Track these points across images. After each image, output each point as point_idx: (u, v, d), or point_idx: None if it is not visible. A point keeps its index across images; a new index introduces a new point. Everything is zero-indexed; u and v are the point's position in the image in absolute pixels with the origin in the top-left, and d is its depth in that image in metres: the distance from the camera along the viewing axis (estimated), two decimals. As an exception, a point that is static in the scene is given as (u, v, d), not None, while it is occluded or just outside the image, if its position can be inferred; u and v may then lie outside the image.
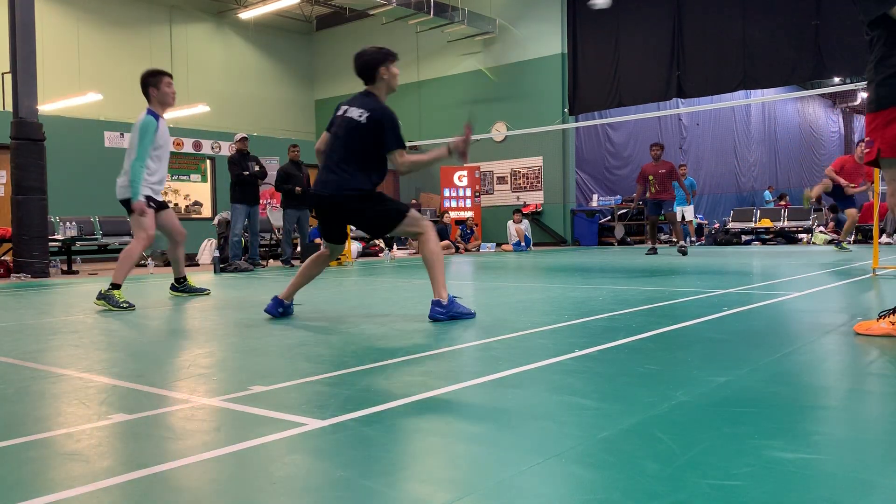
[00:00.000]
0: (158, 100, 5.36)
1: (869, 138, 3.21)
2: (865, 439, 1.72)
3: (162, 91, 5.36)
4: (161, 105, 5.38)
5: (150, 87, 5.36)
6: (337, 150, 4.08)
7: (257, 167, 10.07)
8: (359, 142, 4.02)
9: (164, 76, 5.40)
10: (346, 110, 4.12)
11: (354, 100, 4.16)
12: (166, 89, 5.37)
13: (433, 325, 3.82)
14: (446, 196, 17.54)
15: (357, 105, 4.09)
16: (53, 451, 1.73)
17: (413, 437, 1.80)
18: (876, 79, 3.12)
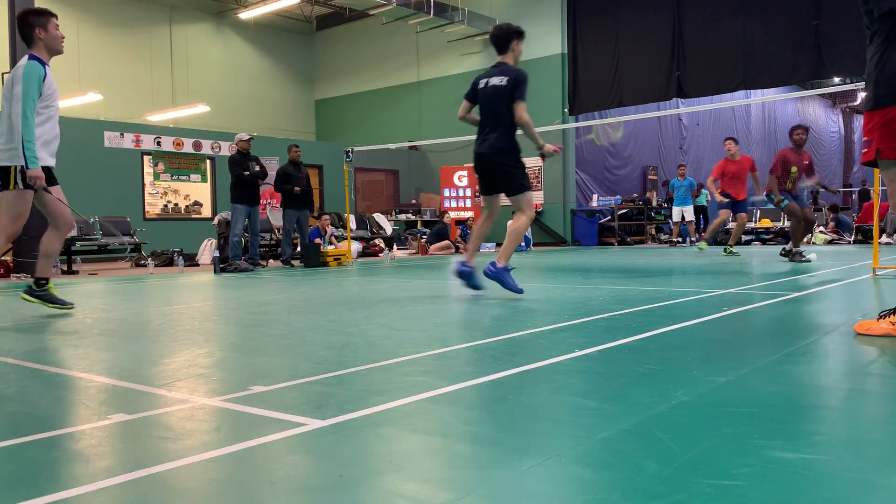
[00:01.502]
0: (46, 44, 4.57)
1: (866, 138, 3.16)
2: (865, 439, 1.72)
3: (51, 33, 4.58)
4: (48, 51, 4.60)
5: (36, 28, 4.53)
6: (487, 116, 4.96)
7: (258, 167, 10.08)
8: (503, 104, 4.87)
9: (52, 16, 4.65)
10: (488, 81, 4.99)
11: (491, 71, 5.04)
12: (55, 32, 4.60)
13: (433, 326, 3.83)
14: (446, 196, 17.54)
15: (496, 74, 4.98)
16: (54, 451, 1.73)
17: (413, 437, 1.80)
18: (877, 77, 3.07)
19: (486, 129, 4.95)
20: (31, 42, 4.56)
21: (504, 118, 4.89)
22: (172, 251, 12.12)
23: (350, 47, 20.94)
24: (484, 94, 4.97)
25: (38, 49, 4.56)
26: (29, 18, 4.55)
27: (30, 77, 4.33)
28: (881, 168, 3.16)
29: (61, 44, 4.66)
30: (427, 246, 14.41)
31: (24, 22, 4.53)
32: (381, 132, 19.59)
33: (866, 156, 3.18)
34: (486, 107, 4.94)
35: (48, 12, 4.64)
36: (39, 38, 4.54)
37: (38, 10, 4.62)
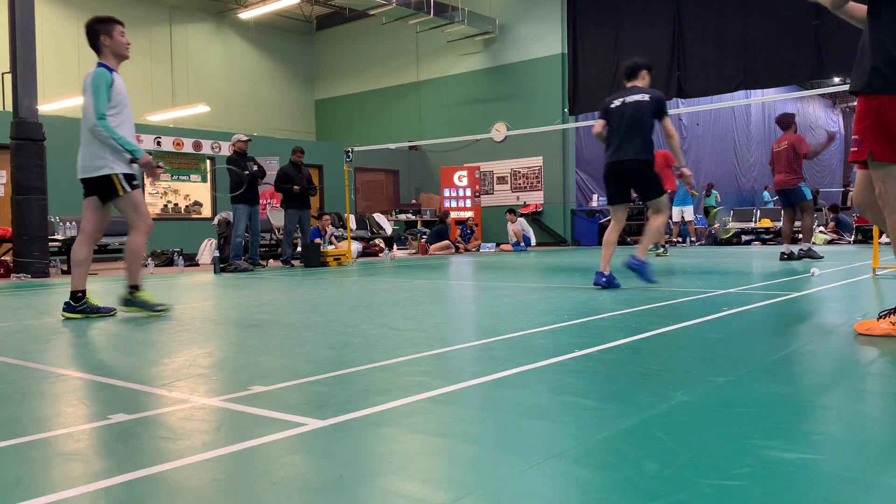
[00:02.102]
0: (112, 50, 4.62)
1: (857, 136, 3.07)
2: (865, 439, 1.72)
3: (117, 40, 4.62)
4: (115, 57, 4.64)
5: (102, 36, 4.58)
6: (627, 128, 5.48)
7: (255, 167, 10.08)
8: (645, 118, 5.47)
9: (117, 24, 4.67)
10: (625, 100, 5.57)
11: (625, 93, 5.63)
12: (120, 38, 4.63)
13: (432, 326, 3.83)
14: (446, 196, 17.54)
15: (634, 94, 5.58)
16: (53, 451, 1.73)
17: (413, 437, 1.80)
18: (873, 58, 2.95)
19: (622, 140, 5.52)
20: (98, 50, 4.64)
21: (643, 129, 5.51)
22: (172, 251, 12.12)
23: (350, 47, 20.94)
24: (622, 110, 5.56)
25: (105, 56, 4.63)
26: (94, 27, 4.62)
27: (98, 83, 4.43)
28: (872, 168, 3.08)
29: (127, 49, 4.70)
30: (427, 246, 14.41)
31: (91, 31, 4.62)
32: (381, 132, 19.59)
33: (856, 155, 3.09)
34: (626, 118, 5.53)
35: (113, 19, 4.69)
36: (105, 45, 4.62)
37: (104, 18, 4.68)
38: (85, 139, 4.53)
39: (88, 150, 4.51)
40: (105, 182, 4.51)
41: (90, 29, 4.62)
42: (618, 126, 5.57)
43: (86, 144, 4.52)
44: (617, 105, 5.62)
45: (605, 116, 5.68)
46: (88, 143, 4.50)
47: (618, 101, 5.63)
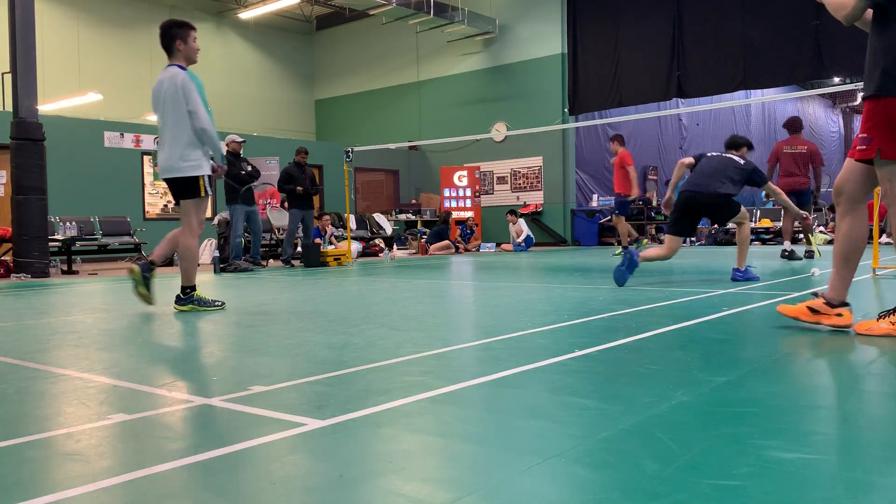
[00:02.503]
0: (185, 55, 4.83)
1: (866, 135, 3.07)
2: (865, 439, 1.72)
3: (191, 45, 4.84)
4: (186, 61, 4.84)
5: (178, 40, 4.79)
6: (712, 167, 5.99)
7: (249, 167, 10.06)
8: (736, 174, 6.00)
9: (191, 29, 4.88)
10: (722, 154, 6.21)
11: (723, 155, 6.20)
12: (193, 44, 4.86)
13: (432, 326, 3.83)
14: (446, 196, 17.54)
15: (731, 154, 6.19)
16: (53, 451, 1.73)
17: (413, 437, 1.80)
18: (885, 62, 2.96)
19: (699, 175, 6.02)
20: (172, 52, 4.81)
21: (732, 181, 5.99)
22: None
23: (350, 47, 20.93)
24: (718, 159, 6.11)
25: (177, 59, 4.81)
26: (171, 30, 4.79)
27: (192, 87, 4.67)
28: (878, 167, 3.08)
29: (197, 55, 4.90)
30: (427, 246, 14.41)
31: (167, 33, 4.79)
32: (381, 132, 19.59)
33: (864, 153, 3.09)
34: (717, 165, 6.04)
35: (189, 24, 4.88)
36: (179, 49, 4.80)
37: (180, 23, 4.87)
38: (171, 140, 4.67)
39: (175, 151, 4.66)
40: (190, 182, 4.67)
41: (167, 31, 4.78)
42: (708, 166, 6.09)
43: (173, 145, 4.66)
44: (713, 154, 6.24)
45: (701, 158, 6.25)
46: (176, 144, 4.65)
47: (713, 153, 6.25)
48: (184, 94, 4.65)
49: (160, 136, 4.80)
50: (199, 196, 4.73)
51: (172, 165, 4.68)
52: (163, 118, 4.73)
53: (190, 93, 4.65)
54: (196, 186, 4.70)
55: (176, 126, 4.68)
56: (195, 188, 4.70)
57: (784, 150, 9.14)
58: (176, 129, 4.68)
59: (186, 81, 4.66)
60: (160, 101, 4.79)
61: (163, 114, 4.74)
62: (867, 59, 3.10)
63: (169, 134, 4.70)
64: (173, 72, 4.73)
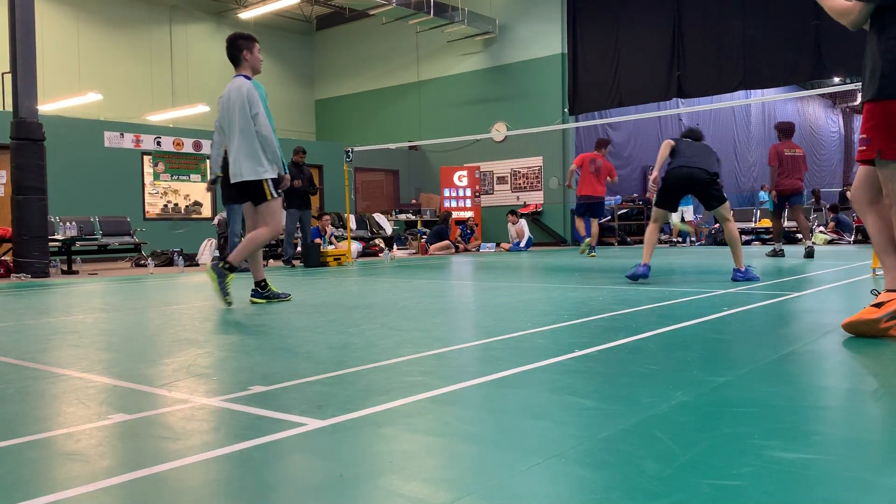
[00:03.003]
0: (251, 65, 5.11)
1: (866, 135, 3.07)
2: (865, 439, 1.72)
3: (255, 56, 5.12)
4: (252, 72, 5.12)
5: (244, 51, 5.07)
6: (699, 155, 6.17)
7: None
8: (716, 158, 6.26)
9: (256, 41, 5.15)
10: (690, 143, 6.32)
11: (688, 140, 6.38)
12: (258, 55, 5.15)
13: (432, 326, 3.83)
14: (446, 196, 17.54)
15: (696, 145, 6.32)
16: (53, 451, 1.73)
17: (413, 437, 1.80)
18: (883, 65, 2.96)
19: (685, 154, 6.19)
20: (239, 63, 5.11)
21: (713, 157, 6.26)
22: (172, 251, 12.12)
23: (350, 47, 20.93)
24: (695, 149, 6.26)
25: (243, 69, 5.10)
26: (238, 41, 5.08)
27: (262, 97, 4.96)
28: (879, 167, 3.08)
29: (261, 65, 5.23)
30: (427, 246, 14.41)
31: (234, 45, 5.08)
32: (381, 132, 19.59)
33: (865, 154, 3.09)
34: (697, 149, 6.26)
35: (253, 37, 5.17)
36: (246, 59, 5.09)
37: (246, 35, 5.15)
38: (239, 147, 4.96)
39: (243, 158, 4.95)
40: (257, 186, 4.99)
41: (234, 43, 5.08)
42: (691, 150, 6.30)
43: (240, 152, 4.96)
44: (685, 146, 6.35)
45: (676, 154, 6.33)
46: (244, 151, 4.94)
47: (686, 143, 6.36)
48: (249, 101, 4.93)
49: (228, 144, 5.09)
50: (267, 200, 5.02)
51: (240, 171, 4.98)
52: (231, 126, 5.01)
53: (255, 100, 4.93)
54: (262, 190, 4.99)
55: (243, 133, 4.95)
56: (262, 192, 5.00)
57: (785, 152, 9.39)
58: (243, 137, 4.96)
59: (252, 90, 4.95)
60: (228, 110, 5.05)
61: (230, 122, 5.01)
62: (866, 61, 3.09)
63: (236, 141, 4.97)
64: (240, 82, 5.00)
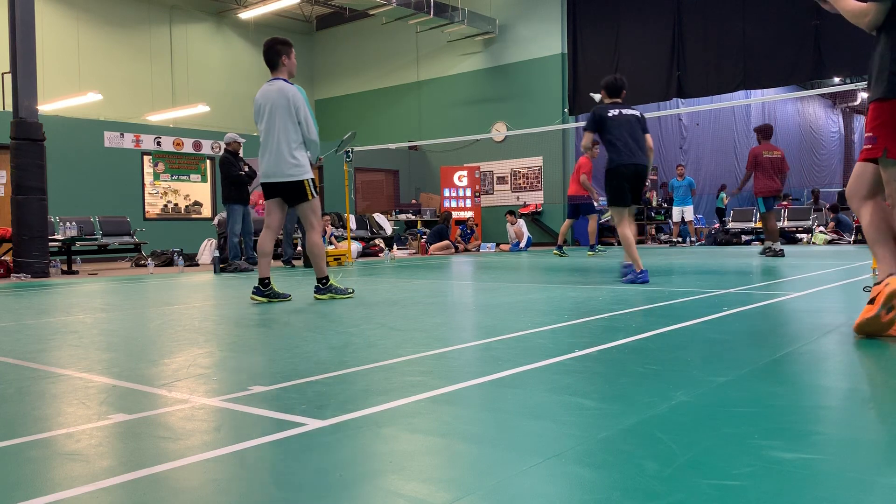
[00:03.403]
0: (288, 69, 5.28)
1: (871, 134, 3.07)
2: (865, 439, 1.72)
3: (292, 61, 5.30)
4: (289, 75, 5.30)
5: (283, 56, 5.25)
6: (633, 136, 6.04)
7: (247, 167, 10.06)
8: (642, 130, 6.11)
9: (292, 46, 5.33)
10: (621, 112, 6.11)
11: (617, 105, 6.19)
12: (294, 60, 5.34)
13: (432, 326, 3.83)
14: (446, 196, 17.54)
15: (626, 108, 6.18)
16: (53, 451, 1.73)
17: (413, 437, 1.80)
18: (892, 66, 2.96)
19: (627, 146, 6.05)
20: (276, 67, 5.26)
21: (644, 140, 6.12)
22: (172, 251, 12.12)
23: (350, 47, 20.94)
24: (623, 120, 6.11)
25: (280, 73, 5.26)
26: (276, 46, 5.24)
27: (305, 100, 5.14)
28: (883, 166, 3.07)
29: (295, 69, 5.38)
30: (427, 246, 14.41)
31: (272, 49, 5.24)
32: (381, 132, 19.59)
33: (870, 152, 3.08)
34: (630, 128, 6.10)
35: (290, 42, 5.35)
36: (284, 64, 5.26)
37: (284, 41, 5.31)
38: (278, 147, 5.09)
39: (284, 158, 5.08)
40: (298, 186, 5.13)
41: (272, 48, 5.23)
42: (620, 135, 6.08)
43: (280, 152, 5.09)
44: (614, 115, 6.13)
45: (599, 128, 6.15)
46: (284, 151, 5.07)
47: (615, 112, 6.15)
48: (296, 105, 5.09)
49: (264, 144, 5.18)
50: (308, 199, 5.18)
51: (280, 171, 5.10)
52: (270, 126, 5.11)
53: (302, 104, 5.10)
54: (303, 190, 5.15)
55: (284, 134, 5.09)
56: (303, 192, 5.15)
57: (763, 154, 9.65)
58: (284, 138, 5.09)
59: (297, 94, 5.11)
60: (266, 110, 5.15)
61: (270, 122, 5.11)
62: (874, 61, 3.09)
63: (275, 142, 5.09)
64: (282, 84, 5.14)
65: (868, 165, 3.20)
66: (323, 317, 4.26)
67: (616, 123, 6.10)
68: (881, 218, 3.15)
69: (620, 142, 6.04)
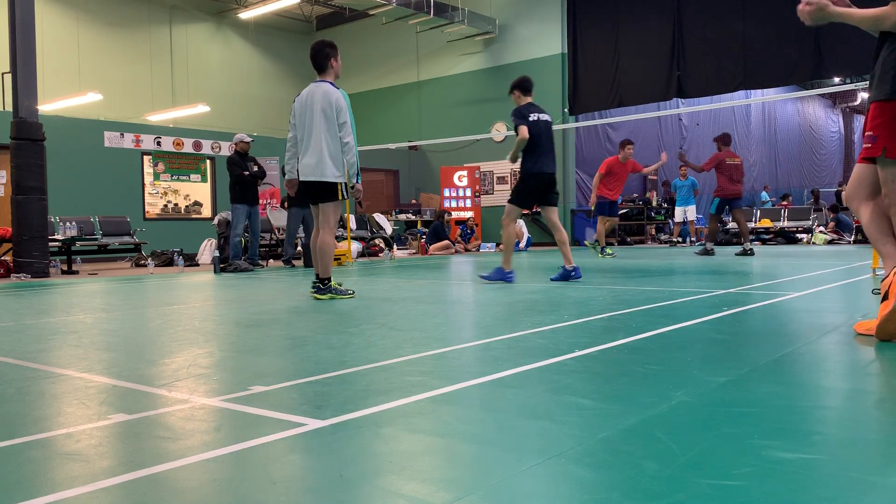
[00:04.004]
0: (335, 72, 5.37)
1: (871, 133, 3.07)
2: (865, 439, 1.72)
3: (339, 63, 5.40)
4: (334, 77, 5.39)
5: (331, 59, 5.33)
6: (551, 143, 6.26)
7: (255, 167, 10.09)
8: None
9: (337, 48, 5.41)
10: (539, 117, 6.20)
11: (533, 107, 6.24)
12: (340, 62, 5.43)
13: (432, 326, 3.83)
14: (446, 196, 17.54)
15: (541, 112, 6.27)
16: (53, 451, 1.73)
17: (413, 437, 1.80)
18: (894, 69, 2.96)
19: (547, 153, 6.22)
20: (325, 69, 5.35)
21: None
22: (172, 251, 12.12)
23: (350, 47, 20.92)
24: (542, 127, 6.19)
25: (328, 75, 5.35)
26: (326, 49, 5.34)
27: (343, 104, 5.19)
28: (882, 166, 3.07)
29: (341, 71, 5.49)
30: (427, 246, 14.41)
31: (321, 52, 5.33)
32: (381, 132, 19.59)
33: (870, 151, 3.08)
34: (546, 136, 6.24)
35: (336, 46, 5.44)
36: (332, 66, 5.36)
37: (331, 43, 5.39)
38: (319, 147, 5.18)
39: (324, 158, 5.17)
40: (332, 187, 5.24)
41: (321, 51, 5.32)
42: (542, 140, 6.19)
43: (322, 152, 5.17)
44: (536, 119, 6.20)
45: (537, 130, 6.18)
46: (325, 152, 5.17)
47: (537, 116, 6.22)
48: (338, 109, 5.18)
49: (303, 142, 5.28)
50: (338, 199, 5.29)
51: (319, 170, 5.19)
52: (311, 126, 5.20)
53: (344, 109, 5.19)
54: (335, 191, 5.26)
55: (326, 135, 5.18)
56: (335, 193, 5.26)
57: (727, 161, 10.58)
58: (326, 138, 5.19)
59: (341, 98, 5.20)
60: (308, 110, 5.24)
61: (311, 122, 5.20)
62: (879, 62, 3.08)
63: (316, 142, 5.19)
64: (328, 87, 5.22)
65: (867, 167, 3.20)
66: (323, 316, 4.26)
67: (538, 130, 6.19)
68: (881, 215, 3.16)
69: (542, 148, 6.18)
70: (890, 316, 2.89)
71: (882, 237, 3.16)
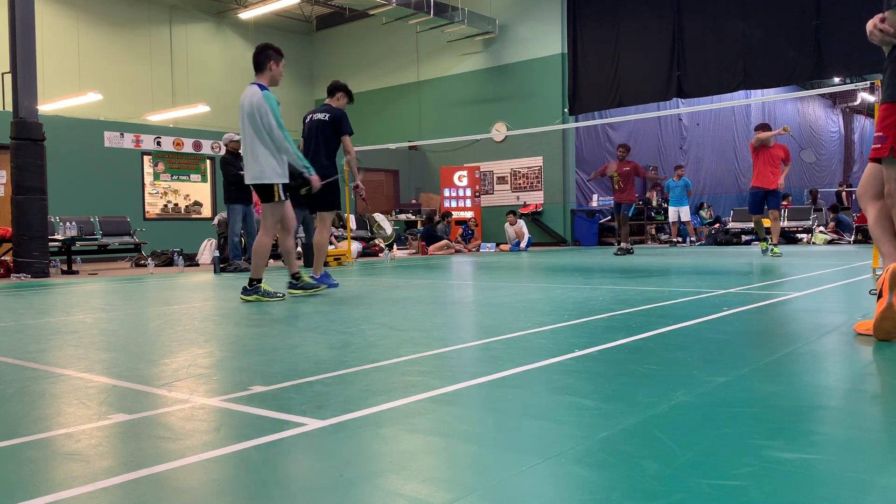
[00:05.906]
0: (272, 76, 5.35)
1: (881, 133, 3.09)
2: (865, 439, 1.72)
3: (279, 69, 5.38)
4: (270, 82, 5.36)
5: (271, 62, 5.32)
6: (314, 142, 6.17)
7: None
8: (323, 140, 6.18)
9: (282, 56, 5.40)
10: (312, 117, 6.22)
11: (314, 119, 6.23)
12: (281, 69, 5.40)
13: (432, 326, 3.83)
14: (446, 196, 17.54)
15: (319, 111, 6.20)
16: (53, 451, 1.73)
17: (413, 437, 1.80)
18: None
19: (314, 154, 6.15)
20: (262, 69, 5.35)
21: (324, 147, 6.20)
22: (172, 251, 12.12)
23: (350, 47, 20.93)
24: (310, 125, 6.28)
25: (263, 78, 5.34)
26: (268, 51, 5.34)
27: (274, 107, 5.19)
28: (887, 165, 3.09)
29: (280, 79, 5.50)
30: (427, 246, 14.40)
31: (263, 53, 5.32)
32: (381, 132, 19.59)
33: (879, 152, 3.10)
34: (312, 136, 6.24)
35: (282, 52, 5.45)
36: (271, 69, 5.35)
37: (277, 48, 5.41)
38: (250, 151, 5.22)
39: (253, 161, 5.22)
40: (267, 188, 5.26)
41: (263, 52, 5.31)
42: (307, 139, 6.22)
43: (252, 156, 5.22)
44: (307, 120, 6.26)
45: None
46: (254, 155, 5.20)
47: (308, 117, 6.27)
48: (259, 111, 5.16)
49: (243, 148, 5.35)
50: (274, 201, 5.27)
51: (252, 173, 5.25)
52: (243, 130, 5.27)
53: (266, 113, 5.16)
54: (271, 192, 5.25)
55: (253, 139, 5.21)
56: (271, 194, 5.26)
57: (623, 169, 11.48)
58: (253, 142, 5.21)
59: (262, 100, 5.16)
60: (241, 115, 5.31)
61: (242, 126, 5.27)
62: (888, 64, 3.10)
63: (247, 146, 5.25)
64: (252, 90, 5.23)
65: (877, 167, 3.22)
66: (323, 317, 4.26)
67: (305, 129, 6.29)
68: (886, 216, 3.17)
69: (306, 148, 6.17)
70: (885, 313, 2.89)
71: (884, 236, 3.17)
